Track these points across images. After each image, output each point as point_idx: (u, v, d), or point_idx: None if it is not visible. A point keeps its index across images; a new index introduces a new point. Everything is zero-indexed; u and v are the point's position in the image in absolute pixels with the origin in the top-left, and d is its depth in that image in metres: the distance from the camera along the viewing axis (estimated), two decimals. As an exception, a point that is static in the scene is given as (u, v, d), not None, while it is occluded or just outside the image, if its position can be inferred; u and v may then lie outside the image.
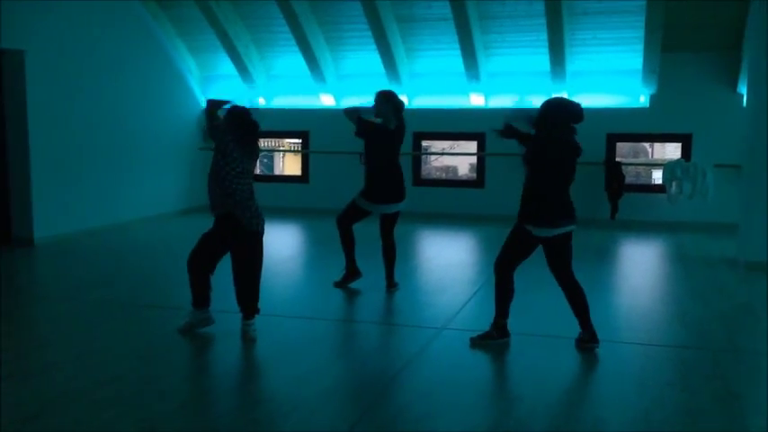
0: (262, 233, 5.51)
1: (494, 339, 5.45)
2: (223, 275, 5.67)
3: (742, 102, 10.49)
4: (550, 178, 5.21)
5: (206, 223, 5.78)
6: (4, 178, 9.30)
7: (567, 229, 5.25)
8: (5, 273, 8.15)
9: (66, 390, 4.50)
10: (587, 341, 5.34)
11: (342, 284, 7.14)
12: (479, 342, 5.45)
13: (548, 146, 5.21)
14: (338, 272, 7.29)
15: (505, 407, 4.35)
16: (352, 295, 7.04)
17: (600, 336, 5.63)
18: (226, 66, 12.55)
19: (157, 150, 11.83)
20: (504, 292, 5.50)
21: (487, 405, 4.45)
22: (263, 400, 4.43)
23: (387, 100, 6.87)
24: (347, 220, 6.99)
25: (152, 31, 11.74)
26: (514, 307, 5.70)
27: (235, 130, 5.39)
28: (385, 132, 6.85)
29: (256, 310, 5.59)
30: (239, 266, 5.49)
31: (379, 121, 6.91)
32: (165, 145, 12.04)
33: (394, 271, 7.07)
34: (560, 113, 5.21)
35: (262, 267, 5.59)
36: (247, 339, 5.50)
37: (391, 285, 7.06)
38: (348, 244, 7.04)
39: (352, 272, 7.15)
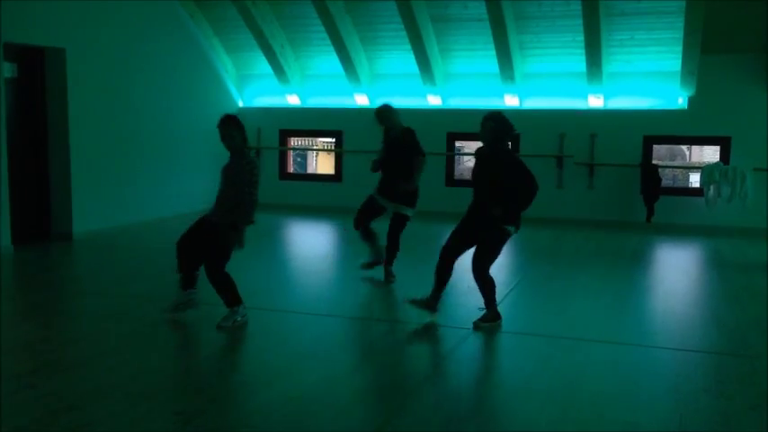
0: None
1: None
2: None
3: (783, 105, 10.31)
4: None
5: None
6: (45, 174, 9.48)
7: None
8: (44, 267, 8.32)
9: (101, 383, 4.58)
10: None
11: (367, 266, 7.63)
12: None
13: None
14: (369, 270, 7.33)
15: (536, 409, 4.32)
16: (383, 294, 7.06)
17: (635, 340, 5.60)
18: (262, 65, 12.65)
19: (193, 148, 11.95)
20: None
21: (518, 407, 4.42)
22: (294, 397, 4.45)
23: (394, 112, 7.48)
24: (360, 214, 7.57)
25: (189, 30, 11.88)
26: (549, 310, 5.68)
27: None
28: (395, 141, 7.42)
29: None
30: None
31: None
32: (201, 143, 12.14)
33: (389, 265, 7.42)
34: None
35: None
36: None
37: (387, 277, 7.40)
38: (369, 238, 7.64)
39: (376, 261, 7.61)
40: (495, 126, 5.81)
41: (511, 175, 5.78)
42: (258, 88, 13.20)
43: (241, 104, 13.29)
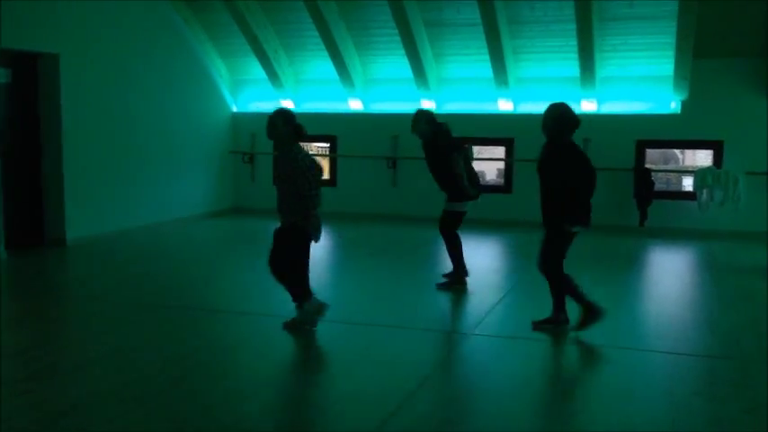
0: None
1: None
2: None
3: (775, 109, 10.35)
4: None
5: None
6: (38, 179, 9.46)
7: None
8: (38, 272, 8.30)
9: (95, 389, 4.57)
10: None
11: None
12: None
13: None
14: (366, 275, 7.33)
15: (530, 413, 4.33)
16: (378, 299, 7.06)
17: (628, 344, 5.62)
18: (255, 70, 12.65)
19: (188, 153, 11.96)
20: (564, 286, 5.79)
21: (512, 411, 4.43)
22: (289, 402, 4.46)
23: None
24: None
25: (184, 35, 11.88)
26: (543, 313, 5.70)
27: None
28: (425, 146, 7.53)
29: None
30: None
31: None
32: (195, 148, 12.17)
33: (456, 264, 7.35)
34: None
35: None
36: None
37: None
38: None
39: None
40: (556, 119, 5.64)
41: (562, 170, 5.73)
42: (252, 93, 13.20)
43: (235, 109, 13.29)
